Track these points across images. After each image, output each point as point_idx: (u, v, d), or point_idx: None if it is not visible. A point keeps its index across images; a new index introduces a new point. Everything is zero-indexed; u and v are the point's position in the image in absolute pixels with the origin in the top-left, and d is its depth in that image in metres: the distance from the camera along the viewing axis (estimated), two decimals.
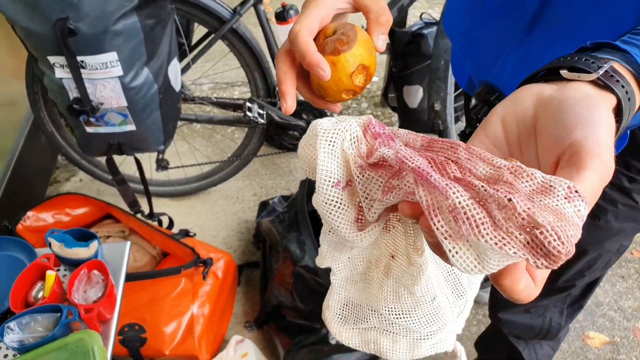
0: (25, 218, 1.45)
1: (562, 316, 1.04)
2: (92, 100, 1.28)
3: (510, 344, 1.15)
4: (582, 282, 0.98)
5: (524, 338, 1.12)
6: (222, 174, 1.99)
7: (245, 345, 1.51)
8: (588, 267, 0.93)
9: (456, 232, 0.32)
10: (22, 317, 0.86)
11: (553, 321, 1.05)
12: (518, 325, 1.07)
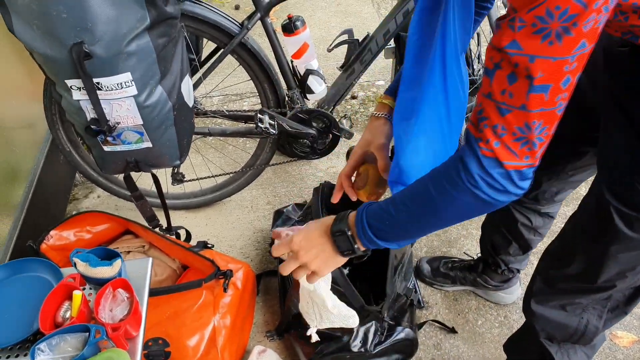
0: (48, 237, 1.48)
1: (601, 320, 1.00)
2: (109, 120, 1.30)
3: (542, 346, 1.11)
4: (624, 285, 0.94)
5: (556, 340, 1.08)
6: (236, 185, 2.01)
7: (268, 355, 1.52)
8: (631, 269, 0.91)
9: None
10: (52, 338, 0.88)
11: (590, 324, 1.00)
12: (552, 322, 1.03)
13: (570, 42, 0.56)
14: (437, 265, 1.78)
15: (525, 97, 0.60)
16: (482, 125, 0.64)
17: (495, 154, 0.64)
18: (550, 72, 0.58)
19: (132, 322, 0.96)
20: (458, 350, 1.60)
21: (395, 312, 1.47)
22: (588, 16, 0.54)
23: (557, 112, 0.62)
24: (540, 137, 0.63)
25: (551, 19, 0.54)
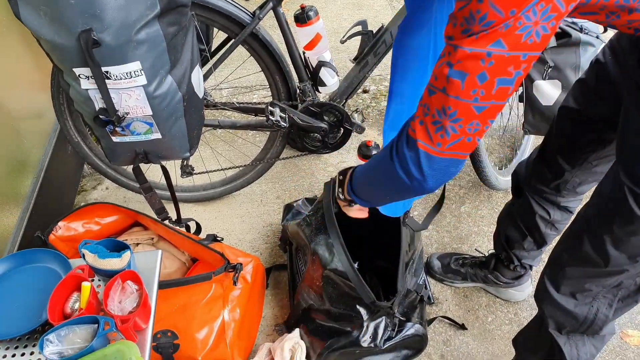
0: (56, 228, 1.47)
1: (611, 308, 0.99)
2: (118, 110, 1.28)
3: (551, 339, 1.10)
4: (635, 270, 0.93)
5: (565, 330, 1.07)
6: (246, 178, 1.99)
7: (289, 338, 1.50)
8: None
9: None
10: (61, 329, 0.87)
11: (600, 312, 0.99)
12: (562, 309, 1.02)
13: (485, 39, 0.64)
14: (448, 261, 1.76)
15: (446, 79, 0.69)
16: (419, 104, 0.75)
17: (415, 134, 0.75)
18: (466, 62, 0.66)
19: (142, 314, 0.94)
20: (467, 346, 1.58)
21: (406, 307, 1.45)
22: (504, 21, 0.62)
23: (472, 107, 0.69)
24: (453, 127, 0.71)
25: (473, 22, 0.64)
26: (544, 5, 0.62)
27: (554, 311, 1.04)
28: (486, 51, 0.65)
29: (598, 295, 0.99)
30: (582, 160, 1.17)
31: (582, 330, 1.06)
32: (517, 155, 2.16)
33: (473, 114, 0.70)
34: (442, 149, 0.74)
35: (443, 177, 0.78)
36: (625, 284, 0.96)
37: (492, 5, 0.62)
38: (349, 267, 1.33)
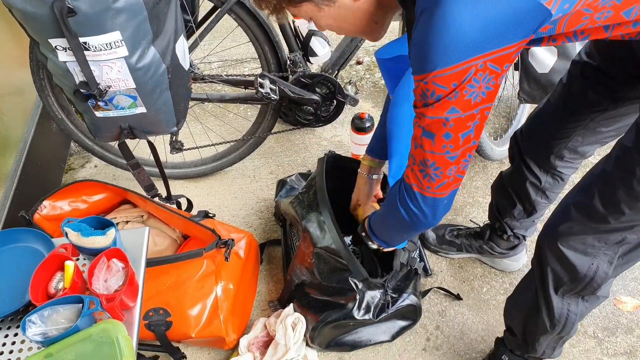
0: (41, 207, 1.44)
1: (611, 266, 0.98)
2: (99, 83, 1.24)
3: (545, 296, 1.09)
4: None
5: (562, 289, 1.06)
6: (238, 153, 1.95)
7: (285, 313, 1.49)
8: None
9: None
10: (44, 310, 0.84)
11: (600, 270, 0.98)
12: (563, 261, 1.00)
13: (440, 107, 0.75)
14: (443, 232, 1.74)
15: (420, 139, 0.81)
16: (409, 154, 0.87)
17: (409, 179, 0.88)
18: (431, 126, 0.79)
19: (128, 292, 0.92)
20: (463, 317, 1.57)
21: (399, 281, 1.44)
22: (451, 92, 0.73)
23: (446, 157, 0.82)
24: (435, 174, 0.84)
25: (426, 98, 0.76)
26: (482, 74, 0.72)
27: (556, 264, 1.03)
28: (444, 117, 0.77)
29: (599, 251, 0.97)
30: (588, 119, 1.13)
31: (578, 290, 1.04)
32: (513, 125, 2.12)
33: (449, 162, 0.82)
34: (432, 190, 0.86)
35: (442, 211, 0.91)
36: (629, 239, 0.95)
37: (435, 84, 0.73)
38: (340, 246, 1.31)
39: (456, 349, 1.50)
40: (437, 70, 0.72)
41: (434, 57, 0.71)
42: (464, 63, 0.70)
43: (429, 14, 0.70)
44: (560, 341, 1.19)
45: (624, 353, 1.47)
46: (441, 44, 0.70)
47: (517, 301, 1.23)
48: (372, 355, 1.49)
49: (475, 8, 0.68)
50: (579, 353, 1.47)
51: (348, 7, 0.83)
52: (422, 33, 0.71)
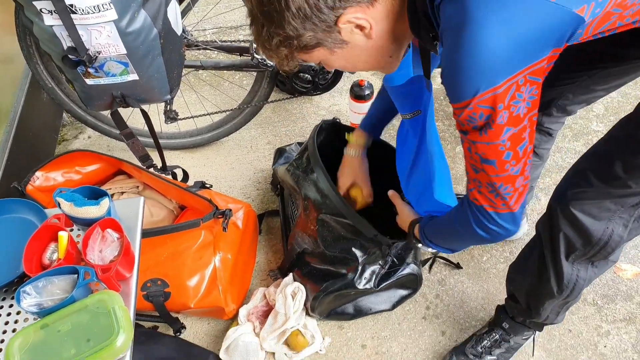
0: (34, 178, 1.41)
1: (626, 229, 0.95)
2: (88, 48, 1.19)
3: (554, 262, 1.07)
4: None
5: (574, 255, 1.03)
6: (234, 123, 1.91)
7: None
8: None
9: None
10: (38, 281, 0.82)
11: (615, 233, 0.96)
12: (577, 225, 0.97)
13: (495, 134, 0.74)
14: None
15: (481, 166, 0.79)
16: (468, 179, 0.85)
17: (478, 200, 0.85)
18: (490, 153, 0.77)
19: (124, 263, 0.90)
20: (462, 285, 1.57)
21: (400, 249, 1.43)
22: (499, 114, 0.72)
23: (512, 174, 0.79)
24: (506, 192, 0.81)
25: (475, 121, 0.74)
26: (524, 87, 0.70)
27: (569, 229, 1.00)
28: (500, 141, 0.75)
29: (614, 215, 0.95)
30: (585, 76, 1.09)
31: (591, 255, 1.02)
32: None
33: (515, 177, 0.80)
34: (507, 206, 0.83)
35: (520, 217, 0.87)
36: None
37: (481, 107, 0.71)
38: (341, 205, 1.29)
39: (456, 317, 1.50)
40: (479, 94, 0.70)
41: (473, 82, 0.69)
42: (504, 83, 0.69)
43: (457, 37, 0.68)
44: (565, 306, 1.18)
45: (623, 320, 1.48)
46: (479, 67, 0.68)
47: (521, 267, 1.21)
48: (372, 323, 1.49)
49: (507, 26, 0.65)
50: (578, 320, 1.48)
51: (362, 47, 0.81)
52: (455, 58, 0.69)
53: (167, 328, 1.44)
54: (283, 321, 1.38)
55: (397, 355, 1.42)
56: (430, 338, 1.46)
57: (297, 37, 0.77)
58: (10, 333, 0.88)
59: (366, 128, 1.32)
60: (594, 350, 1.42)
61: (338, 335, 1.47)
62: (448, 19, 0.69)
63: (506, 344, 1.34)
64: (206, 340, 1.46)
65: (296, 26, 0.75)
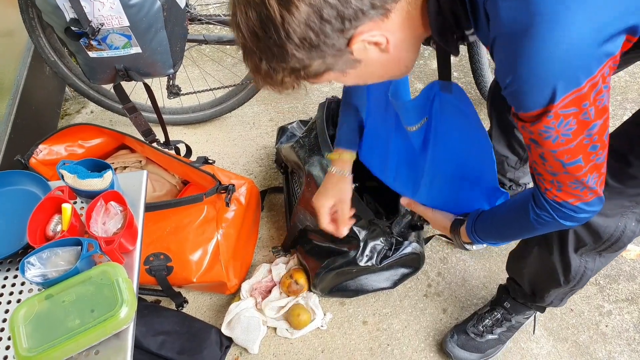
0: (37, 152, 1.40)
1: (639, 224, 0.93)
2: (91, 20, 1.18)
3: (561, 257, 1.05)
4: None
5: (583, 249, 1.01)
6: (237, 99, 1.89)
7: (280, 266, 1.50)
8: None
9: None
10: (42, 252, 0.83)
11: (627, 229, 0.93)
12: (589, 223, 0.93)
13: (578, 131, 0.66)
14: None
15: (564, 169, 0.72)
16: (539, 180, 0.77)
17: (560, 198, 0.77)
18: (574, 153, 0.69)
19: (127, 235, 0.90)
20: (465, 264, 1.57)
21: (402, 228, 1.42)
22: (582, 112, 0.64)
23: (597, 162, 0.72)
24: (594, 181, 0.74)
25: (552, 130, 0.66)
26: (609, 77, 0.63)
27: (580, 228, 0.97)
28: (585, 136, 0.67)
29: (627, 211, 0.92)
30: None
31: (601, 249, 1.00)
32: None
33: (601, 165, 0.74)
34: (595, 194, 0.77)
35: (603, 197, 0.79)
36: None
37: (563, 112, 0.64)
38: None
39: (457, 295, 1.51)
40: (561, 99, 0.62)
41: (555, 83, 0.60)
42: (593, 77, 0.61)
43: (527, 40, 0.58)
44: (570, 292, 1.18)
45: (625, 300, 1.48)
46: (561, 71, 0.59)
47: (523, 256, 1.18)
48: (374, 300, 1.50)
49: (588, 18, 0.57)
50: (580, 299, 1.48)
51: (377, 62, 0.72)
52: (527, 64, 0.60)
53: (169, 302, 1.45)
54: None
55: (398, 332, 1.44)
56: (431, 316, 1.47)
57: (303, 68, 0.68)
58: (15, 303, 0.89)
59: (347, 145, 1.18)
60: (595, 329, 1.43)
61: (339, 312, 1.48)
62: (510, 21, 0.60)
63: (507, 323, 1.35)
64: (208, 315, 1.47)
65: (302, 57, 0.66)
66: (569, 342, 1.40)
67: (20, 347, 0.75)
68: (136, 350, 1.22)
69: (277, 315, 1.42)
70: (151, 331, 1.29)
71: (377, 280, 1.47)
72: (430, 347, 1.41)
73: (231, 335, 1.38)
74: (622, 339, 1.41)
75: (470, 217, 1.01)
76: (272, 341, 1.42)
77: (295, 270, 1.46)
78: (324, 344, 1.42)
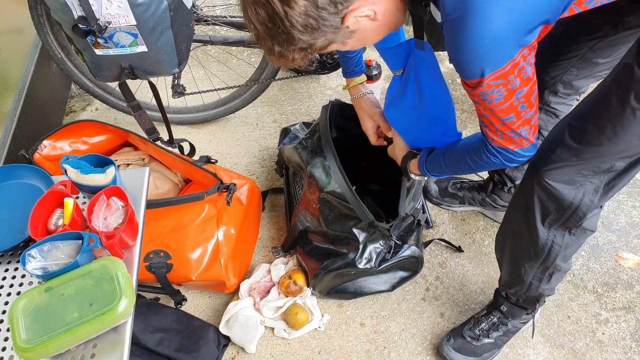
0: (41, 147, 1.42)
1: (597, 194, 0.99)
2: (98, 18, 1.20)
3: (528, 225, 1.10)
4: (635, 150, 0.92)
5: (549, 219, 1.06)
6: (241, 100, 1.90)
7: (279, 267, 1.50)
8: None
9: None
10: (43, 245, 0.84)
11: (585, 198, 1.00)
12: (551, 190, 1.01)
13: (508, 96, 0.82)
14: (446, 185, 1.72)
15: (501, 122, 0.87)
16: (486, 131, 0.93)
17: (502, 145, 0.92)
18: (507, 112, 0.85)
19: (128, 231, 0.91)
20: (463, 268, 1.58)
21: (402, 231, 1.43)
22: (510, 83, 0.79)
23: (527, 117, 0.88)
24: (526, 131, 0.90)
25: (487, 95, 0.82)
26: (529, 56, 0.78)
27: (542, 194, 1.03)
28: (514, 100, 0.83)
29: (586, 180, 0.99)
30: (586, 47, 1.10)
31: (564, 219, 1.05)
32: None
33: (530, 119, 0.88)
34: (528, 140, 0.92)
35: (537, 143, 0.95)
36: (616, 166, 0.95)
37: (493, 83, 0.78)
38: (346, 189, 1.29)
39: (455, 300, 1.51)
40: (489, 75, 0.77)
41: (482, 64, 0.76)
42: (514, 60, 0.76)
43: (460, 27, 0.73)
44: (546, 273, 1.19)
45: (623, 308, 1.49)
46: (487, 54, 0.75)
47: (504, 231, 1.23)
48: (372, 303, 1.51)
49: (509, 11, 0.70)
50: (577, 307, 1.49)
51: (369, 29, 0.85)
52: (461, 46, 0.75)
53: (168, 300, 1.46)
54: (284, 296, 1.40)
55: (396, 335, 1.44)
56: (428, 319, 1.47)
57: (309, 47, 0.82)
58: (15, 295, 0.90)
59: (351, 75, 1.34)
60: (592, 337, 1.43)
61: (337, 313, 1.48)
62: (451, 10, 0.74)
63: (504, 327, 1.35)
64: (207, 314, 1.48)
65: (307, 39, 0.79)
66: (566, 349, 1.40)
67: (18, 339, 0.76)
68: (134, 347, 1.24)
69: (275, 315, 1.43)
70: (149, 328, 1.30)
71: (376, 283, 1.48)
72: (427, 350, 1.41)
73: (229, 334, 1.39)
74: (618, 347, 1.41)
75: (423, 152, 1.17)
76: (269, 341, 1.43)
77: (294, 271, 1.47)
78: (321, 345, 1.42)
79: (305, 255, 1.46)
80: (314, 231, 1.44)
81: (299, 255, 1.49)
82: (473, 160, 1.01)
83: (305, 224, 1.45)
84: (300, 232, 1.47)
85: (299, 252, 1.49)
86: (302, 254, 1.47)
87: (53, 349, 0.76)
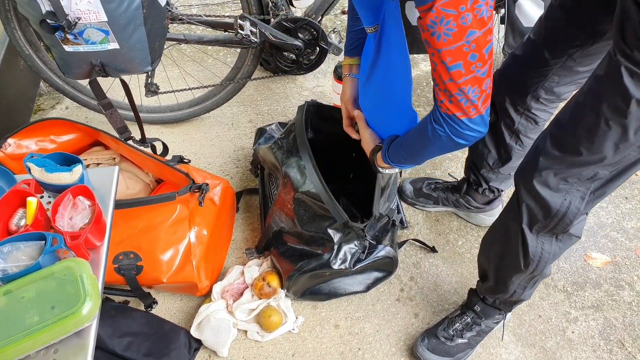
0: (6, 145, 1.37)
1: (583, 201, 1.00)
2: (68, 14, 1.16)
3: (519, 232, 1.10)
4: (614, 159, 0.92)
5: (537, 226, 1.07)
6: (216, 100, 1.88)
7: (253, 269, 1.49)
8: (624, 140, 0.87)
9: None
10: (3, 246, 0.81)
11: (572, 205, 1.00)
12: (537, 197, 1.02)
13: (458, 35, 0.79)
14: (420, 185, 1.73)
15: (448, 74, 0.84)
16: (436, 92, 0.90)
17: (450, 110, 0.89)
18: (455, 57, 0.81)
19: (95, 231, 0.88)
20: (437, 269, 1.59)
21: (377, 231, 1.43)
22: (461, 15, 0.76)
23: (478, 75, 0.84)
24: (474, 95, 0.86)
25: (436, 25, 0.78)
26: None
27: (530, 200, 1.04)
28: (464, 42, 0.79)
29: (572, 188, 0.99)
30: (566, 56, 1.12)
31: (551, 226, 1.06)
32: None
33: (482, 79, 0.84)
34: (476, 110, 0.88)
35: (487, 120, 0.92)
36: (600, 174, 0.96)
37: (443, 10, 0.76)
38: (321, 189, 1.29)
39: (429, 300, 1.52)
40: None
41: None
42: None
43: None
44: (531, 281, 1.21)
45: (591, 307, 1.51)
46: None
47: (494, 238, 1.24)
48: (346, 304, 1.50)
49: None
50: (548, 306, 1.51)
51: None
52: None
53: (138, 303, 1.43)
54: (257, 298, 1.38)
55: (370, 336, 1.44)
56: (403, 320, 1.48)
57: None
58: None
59: (348, 54, 1.31)
60: (562, 335, 1.45)
61: (312, 315, 1.47)
62: None
63: (477, 327, 1.37)
64: (178, 317, 1.45)
65: None
66: (537, 348, 1.42)
67: None
68: (99, 352, 1.21)
69: (248, 317, 1.41)
70: (117, 332, 1.27)
71: (350, 284, 1.47)
72: (401, 351, 1.41)
73: (200, 337, 1.36)
74: (587, 345, 1.43)
75: (385, 142, 1.15)
76: (242, 344, 1.41)
77: (268, 272, 1.45)
78: (295, 347, 1.41)
79: (280, 257, 1.44)
80: (288, 232, 1.43)
81: (274, 256, 1.47)
82: (423, 136, 0.98)
83: (280, 224, 1.43)
84: (275, 233, 1.45)
85: (273, 254, 1.48)
86: (276, 256, 1.46)
87: (12, 355, 0.73)
